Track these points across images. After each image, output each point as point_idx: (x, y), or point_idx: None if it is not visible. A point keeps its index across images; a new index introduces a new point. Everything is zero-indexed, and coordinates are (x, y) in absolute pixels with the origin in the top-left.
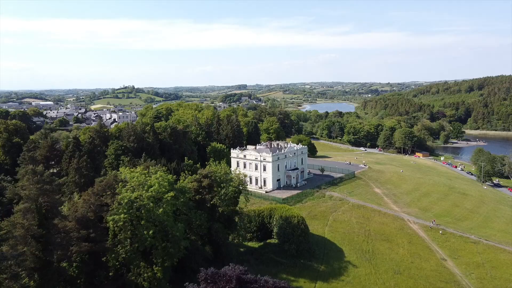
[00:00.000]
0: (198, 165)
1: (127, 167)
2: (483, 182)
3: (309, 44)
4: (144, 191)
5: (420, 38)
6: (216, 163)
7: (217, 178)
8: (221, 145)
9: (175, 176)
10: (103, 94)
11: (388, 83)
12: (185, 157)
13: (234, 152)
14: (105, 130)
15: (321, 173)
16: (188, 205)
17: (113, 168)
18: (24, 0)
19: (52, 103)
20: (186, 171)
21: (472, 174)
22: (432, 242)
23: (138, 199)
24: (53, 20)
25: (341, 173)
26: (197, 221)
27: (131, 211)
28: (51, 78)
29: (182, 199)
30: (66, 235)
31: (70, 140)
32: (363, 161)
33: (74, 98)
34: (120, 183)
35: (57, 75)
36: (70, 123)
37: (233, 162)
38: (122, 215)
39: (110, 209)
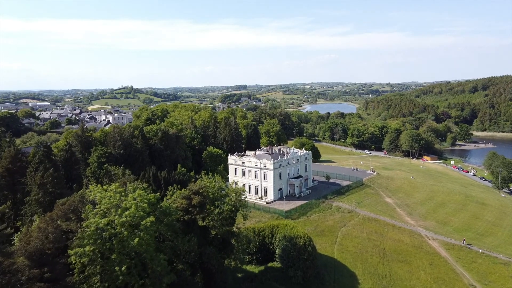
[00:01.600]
0: (192, 173)
1: (98, 185)
2: (500, 189)
3: (309, 44)
4: (117, 216)
5: (420, 38)
6: (210, 175)
7: (209, 194)
8: (218, 150)
9: (158, 194)
10: (101, 95)
11: (388, 83)
12: (178, 164)
13: (232, 159)
14: (88, 134)
15: (326, 180)
16: (174, 228)
17: (95, 178)
18: (24, 0)
19: (49, 103)
20: (174, 185)
21: (486, 180)
22: (457, 264)
23: (109, 226)
24: (53, 20)
25: (348, 180)
26: (185, 247)
27: (99, 241)
28: (51, 78)
29: (166, 222)
30: (13, 276)
31: (39, 148)
32: (371, 167)
33: (72, 99)
34: (88, 206)
35: (57, 75)
36: (62, 124)
37: (231, 169)
38: (87, 247)
39: (74, 238)
